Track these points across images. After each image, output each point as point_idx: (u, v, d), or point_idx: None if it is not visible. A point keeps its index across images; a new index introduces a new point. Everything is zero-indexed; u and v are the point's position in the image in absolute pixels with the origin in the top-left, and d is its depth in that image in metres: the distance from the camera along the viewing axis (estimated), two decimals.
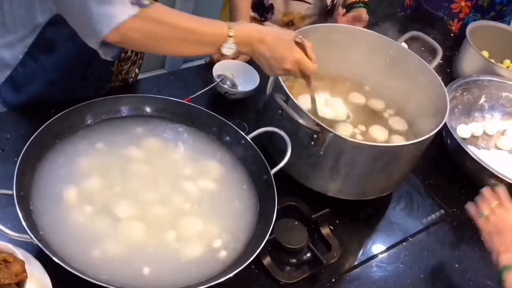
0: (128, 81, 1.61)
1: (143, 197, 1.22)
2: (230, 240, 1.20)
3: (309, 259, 1.29)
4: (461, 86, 1.78)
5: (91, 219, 1.15)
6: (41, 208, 1.13)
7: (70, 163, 1.23)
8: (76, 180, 1.20)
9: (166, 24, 1.15)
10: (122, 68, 1.52)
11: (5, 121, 1.42)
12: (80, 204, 1.17)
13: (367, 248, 1.39)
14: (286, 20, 2.00)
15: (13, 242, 1.03)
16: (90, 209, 1.16)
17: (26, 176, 1.15)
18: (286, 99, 1.31)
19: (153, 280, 1.09)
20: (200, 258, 1.15)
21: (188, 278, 1.11)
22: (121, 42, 1.14)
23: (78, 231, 1.12)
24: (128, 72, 1.58)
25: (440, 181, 1.63)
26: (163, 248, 1.15)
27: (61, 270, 1.00)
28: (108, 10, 1.08)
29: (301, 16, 2.01)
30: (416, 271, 1.37)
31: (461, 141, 1.56)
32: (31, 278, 0.99)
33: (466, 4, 2.24)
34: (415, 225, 1.48)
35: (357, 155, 1.30)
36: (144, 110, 1.37)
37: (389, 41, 1.57)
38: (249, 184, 1.31)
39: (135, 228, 1.16)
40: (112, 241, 1.13)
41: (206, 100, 1.64)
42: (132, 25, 1.10)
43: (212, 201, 1.26)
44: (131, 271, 1.09)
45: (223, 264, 1.15)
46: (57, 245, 1.09)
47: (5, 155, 1.32)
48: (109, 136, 1.30)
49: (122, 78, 1.57)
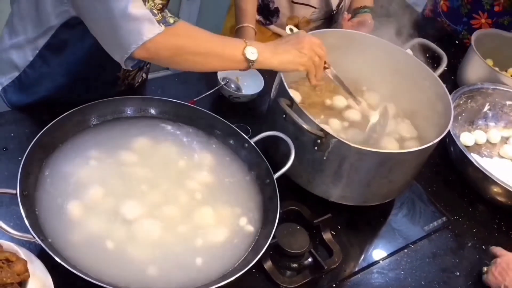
0: (134, 86, 1.62)
1: (150, 199, 1.22)
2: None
3: (310, 264, 1.30)
4: (465, 93, 1.78)
5: (96, 219, 1.15)
6: (45, 208, 1.14)
7: (74, 164, 1.23)
8: (81, 182, 1.20)
9: (191, 39, 1.21)
10: (129, 74, 1.53)
11: (9, 120, 1.42)
12: (85, 204, 1.17)
13: (368, 254, 1.39)
14: (291, 24, 2.00)
15: (16, 241, 1.04)
16: (95, 209, 1.17)
17: (30, 176, 1.15)
18: (290, 103, 1.31)
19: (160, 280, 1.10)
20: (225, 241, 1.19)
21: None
22: (148, 58, 1.19)
23: (81, 231, 1.13)
24: (135, 78, 1.58)
25: (442, 188, 1.63)
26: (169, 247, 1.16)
27: (63, 270, 1.01)
28: (136, 26, 1.12)
29: (306, 20, 2.01)
30: (417, 278, 1.37)
31: (464, 149, 1.56)
32: (33, 277, 1.00)
33: (486, 22, 2.22)
34: (416, 232, 1.48)
35: (361, 161, 1.30)
36: (148, 112, 1.37)
37: (394, 48, 1.58)
38: (252, 187, 1.31)
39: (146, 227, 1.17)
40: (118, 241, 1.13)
41: (211, 103, 1.64)
42: (159, 41, 1.15)
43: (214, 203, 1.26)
44: (137, 270, 1.10)
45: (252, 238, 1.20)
46: (59, 244, 1.09)
47: (10, 154, 1.32)
48: (113, 137, 1.30)
49: (129, 83, 1.57)
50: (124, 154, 1.29)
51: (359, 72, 1.65)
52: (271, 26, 2.05)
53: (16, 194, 1.06)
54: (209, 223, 1.22)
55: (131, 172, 1.25)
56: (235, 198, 1.28)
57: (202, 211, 1.23)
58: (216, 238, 1.20)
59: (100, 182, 1.21)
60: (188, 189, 1.26)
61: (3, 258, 0.96)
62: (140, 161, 1.28)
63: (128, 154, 1.29)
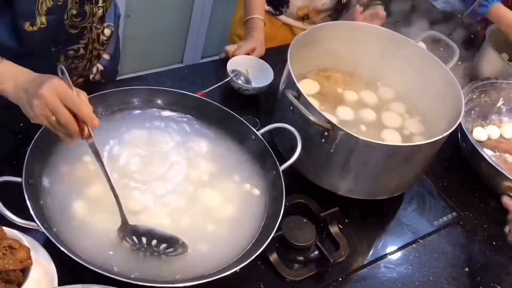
0: (89, 78, 1.59)
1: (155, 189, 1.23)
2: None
3: (316, 257, 1.29)
4: (479, 88, 1.75)
5: (101, 210, 1.16)
6: (50, 198, 1.14)
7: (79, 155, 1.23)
8: (86, 173, 1.21)
9: None
10: (76, 65, 1.49)
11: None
12: (90, 195, 1.18)
13: (376, 249, 1.38)
14: (301, 14, 2.00)
15: (21, 229, 1.04)
16: (100, 200, 1.17)
17: (36, 165, 1.16)
18: (298, 95, 1.30)
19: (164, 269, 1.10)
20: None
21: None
22: None
23: (86, 221, 1.13)
24: (86, 69, 1.55)
25: (453, 183, 1.60)
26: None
27: (67, 259, 1.01)
28: None
29: (317, 11, 2.00)
30: (425, 274, 1.35)
31: (476, 144, 1.54)
32: (37, 265, 1.00)
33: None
34: (426, 227, 1.46)
35: (369, 154, 1.29)
36: (156, 103, 1.37)
37: (406, 40, 1.56)
38: (258, 179, 1.31)
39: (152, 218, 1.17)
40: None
41: (220, 95, 1.64)
42: None
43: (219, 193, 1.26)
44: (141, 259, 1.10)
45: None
46: (64, 234, 1.10)
47: (18, 142, 1.33)
48: (119, 128, 1.31)
49: (80, 74, 1.54)
50: (129, 144, 1.29)
51: (370, 65, 1.64)
52: (281, 17, 2.03)
53: (22, 182, 1.07)
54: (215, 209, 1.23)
55: (136, 162, 1.26)
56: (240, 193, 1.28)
57: (207, 199, 1.24)
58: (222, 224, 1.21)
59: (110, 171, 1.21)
60: (193, 180, 1.26)
61: (6, 245, 0.97)
62: (145, 151, 1.29)
63: (133, 144, 1.29)
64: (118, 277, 1.00)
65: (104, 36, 1.52)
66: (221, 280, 1.07)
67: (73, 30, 1.37)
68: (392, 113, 1.58)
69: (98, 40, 1.50)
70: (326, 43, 1.58)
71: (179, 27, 3.09)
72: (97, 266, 1.01)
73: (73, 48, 1.43)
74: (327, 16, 2.03)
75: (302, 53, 1.48)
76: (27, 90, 1.06)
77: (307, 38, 1.48)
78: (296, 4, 1.98)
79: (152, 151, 1.30)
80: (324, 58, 1.62)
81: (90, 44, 1.48)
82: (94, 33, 1.46)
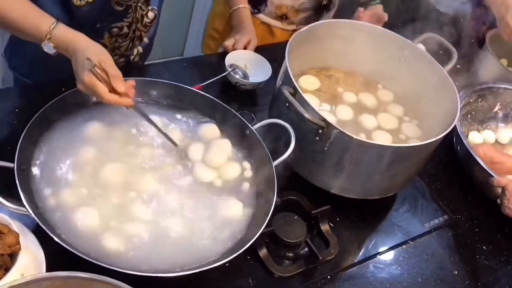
0: (130, 59, 1.62)
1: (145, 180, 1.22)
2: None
3: (306, 254, 1.29)
4: (476, 92, 1.75)
5: (93, 198, 1.16)
6: (43, 185, 1.14)
7: (74, 142, 1.24)
8: (79, 159, 1.21)
9: None
10: (120, 44, 1.53)
11: (14, 95, 1.44)
12: (82, 183, 1.18)
13: (366, 248, 1.38)
14: (279, 13, 2.00)
15: (12, 215, 1.04)
16: (93, 189, 1.17)
17: (29, 151, 1.17)
18: (294, 92, 1.30)
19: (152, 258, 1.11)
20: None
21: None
22: None
23: (78, 210, 1.13)
24: (128, 49, 1.59)
25: (446, 186, 1.60)
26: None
27: (56, 246, 1.01)
28: None
29: (295, 10, 1.99)
30: (414, 275, 1.35)
31: (471, 148, 1.54)
32: (26, 250, 1.00)
33: None
34: (417, 228, 1.46)
35: (362, 153, 1.29)
36: (151, 94, 1.37)
37: (405, 41, 1.56)
38: (251, 174, 1.31)
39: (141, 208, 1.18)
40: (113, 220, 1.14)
41: (217, 89, 1.64)
42: None
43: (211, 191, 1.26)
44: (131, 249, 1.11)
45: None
46: (54, 221, 1.10)
47: (13, 127, 1.33)
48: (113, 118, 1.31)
49: (122, 53, 1.58)
50: (120, 134, 1.29)
51: (369, 65, 1.64)
52: (259, 15, 2.02)
53: (14, 167, 1.07)
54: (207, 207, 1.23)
55: (130, 152, 1.26)
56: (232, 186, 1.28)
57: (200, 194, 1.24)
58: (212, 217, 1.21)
59: (98, 163, 1.22)
60: (187, 172, 1.27)
61: None
62: (139, 141, 1.29)
63: (125, 134, 1.30)
64: (106, 265, 1.00)
65: (147, 18, 1.56)
66: (209, 272, 1.07)
67: (119, 7, 1.41)
68: (389, 115, 1.58)
69: (141, 21, 1.54)
70: (325, 41, 1.58)
71: (181, 20, 3.08)
72: (85, 254, 1.01)
73: (117, 25, 1.47)
74: (306, 17, 2.03)
75: (301, 50, 1.49)
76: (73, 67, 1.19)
77: (306, 35, 1.48)
78: (274, 3, 1.98)
79: (143, 140, 1.30)
80: (323, 56, 1.62)
81: (133, 24, 1.51)
82: (138, 13, 1.50)
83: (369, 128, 1.50)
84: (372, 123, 1.52)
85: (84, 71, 1.15)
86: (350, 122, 1.51)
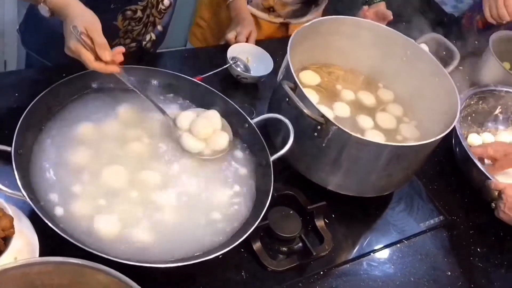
0: (142, 44, 1.63)
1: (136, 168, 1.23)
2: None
3: (300, 249, 1.29)
4: (477, 94, 1.75)
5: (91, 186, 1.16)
6: (39, 170, 1.15)
7: (74, 126, 1.24)
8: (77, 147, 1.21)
9: None
10: (132, 28, 1.54)
11: (16, 80, 1.43)
12: (81, 170, 1.18)
13: (360, 245, 1.38)
14: (266, 5, 1.99)
15: (7, 199, 1.05)
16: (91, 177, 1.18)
17: (28, 135, 1.17)
18: (294, 87, 1.30)
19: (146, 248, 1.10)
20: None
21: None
22: None
23: (76, 196, 1.13)
24: (141, 34, 1.59)
25: (444, 187, 1.61)
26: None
27: (51, 232, 1.01)
28: None
29: (282, 3, 1.99)
30: (406, 274, 1.36)
31: (469, 150, 1.54)
32: (20, 235, 1.01)
33: None
34: (412, 228, 1.46)
35: (360, 151, 1.29)
36: (151, 83, 1.37)
37: (407, 40, 1.55)
38: (248, 168, 1.31)
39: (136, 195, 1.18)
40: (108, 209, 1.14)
41: (219, 81, 1.63)
42: None
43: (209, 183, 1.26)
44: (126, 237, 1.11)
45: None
46: (50, 207, 1.10)
47: (13, 112, 1.33)
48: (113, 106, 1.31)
49: (134, 38, 1.59)
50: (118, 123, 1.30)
51: (371, 62, 1.64)
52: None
53: (11, 151, 1.07)
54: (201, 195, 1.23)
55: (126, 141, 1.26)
56: (229, 179, 1.28)
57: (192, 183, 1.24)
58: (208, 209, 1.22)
59: (97, 152, 1.22)
60: (181, 163, 1.26)
61: None
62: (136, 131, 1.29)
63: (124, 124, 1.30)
64: (99, 253, 1.00)
65: (163, 5, 1.57)
66: (202, 264, 1.08)
67: None
68: (388, 114, 1.58)
69: (156, 7, 1.55)
70: (328, 37, 1.58)
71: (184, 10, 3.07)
72: (80, 241, 1.02)
73: (131, 8, 1.48)
74: (293, 10, 2.02)
75: (303, 45, 1.48)
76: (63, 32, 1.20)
77: (309, 30, 1.48)
78: None
79: (143, 127, 1.30)
80: (325, 52, 1.62)
81: (148, 9, 1.52)
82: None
83: (364, 127, 1.50)
84: (369, 123, 1.52)
85: (71, 38, 1.16)
86: (347, 120, 1.51)
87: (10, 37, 2.55)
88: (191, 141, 1.27)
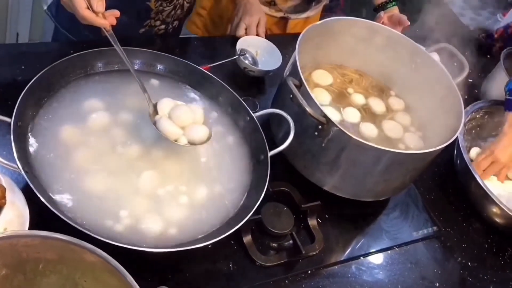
0: (168, 28, 1.64)
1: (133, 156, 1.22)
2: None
3: (289, 247, 1.29)
4: (483, 108, 1.74)
5: (88, 161, 1.17)
6: (38, 145, 1.15)
7: (75, 105, 1.24)
8: (78, 122, 1.22)
9: None
10: (163, 8, 1.56)
11: (22, 54, 1.44)
12: (79, 145, 1.18)
13: (350, 248, 1.38)
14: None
15: (3, 170, 1.06)
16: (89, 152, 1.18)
17: (29, 108, 1.17)
18: (299, 84, 1.30)
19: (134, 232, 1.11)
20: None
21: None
22: None
23: (71, 172, 1.14)
24: (170, 16, 1.61)
25: (440, 198, 1.60)
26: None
27: (43, 206, 1.01)
28: None
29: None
30: (395, 282, 1.35)
31: (469, 163, 1.53)
32: (11, 206, 1.01)
33: None
34: (405, 235, 1.46)
35: (359, 154, 1.29)
36: (157, 67, 1.37)
37: (418, 48, 1.55)
38: (246, 161, 1.31)
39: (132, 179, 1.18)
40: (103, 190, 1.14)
41: (225, 72, 1.63)
42: None
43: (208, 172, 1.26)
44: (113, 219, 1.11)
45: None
46: (46, 181, 1.10)
47: (18, 84, 1.33)
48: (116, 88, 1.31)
49: (163, 19, 1.61)
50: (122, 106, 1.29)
51: (380, 68, 1.64)
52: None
53: (10, 123, 1.08)
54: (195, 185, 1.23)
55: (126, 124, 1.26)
56: (225, 170, 1.28)
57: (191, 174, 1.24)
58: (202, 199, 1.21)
59: (96, 133, 1.22)
60: (179, 151, 1.26)
61: None
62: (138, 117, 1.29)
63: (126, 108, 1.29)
64: (86, 230, 1.00)
65: None
66: (191, 252, 1.08)
67: None
68: (395, 123, 1.57)
69: None
70: (339, 37, 1.57)
71: None
72: (71, 219, 1.02)
73: None
74: (294, 5, 2.01)
75: (314, 43, 1.48)
76: None
77: (321, 28, 1.47)
78: None
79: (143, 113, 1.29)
80: (334, 52, 1.61)
81: None
82: None
83: (369, 135, 1.49)
84: (373, 131, 1.51)
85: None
86: (353, 125, 1.50)
87: (24, 10, 2.56)
88: (169, 125, 1.20)
